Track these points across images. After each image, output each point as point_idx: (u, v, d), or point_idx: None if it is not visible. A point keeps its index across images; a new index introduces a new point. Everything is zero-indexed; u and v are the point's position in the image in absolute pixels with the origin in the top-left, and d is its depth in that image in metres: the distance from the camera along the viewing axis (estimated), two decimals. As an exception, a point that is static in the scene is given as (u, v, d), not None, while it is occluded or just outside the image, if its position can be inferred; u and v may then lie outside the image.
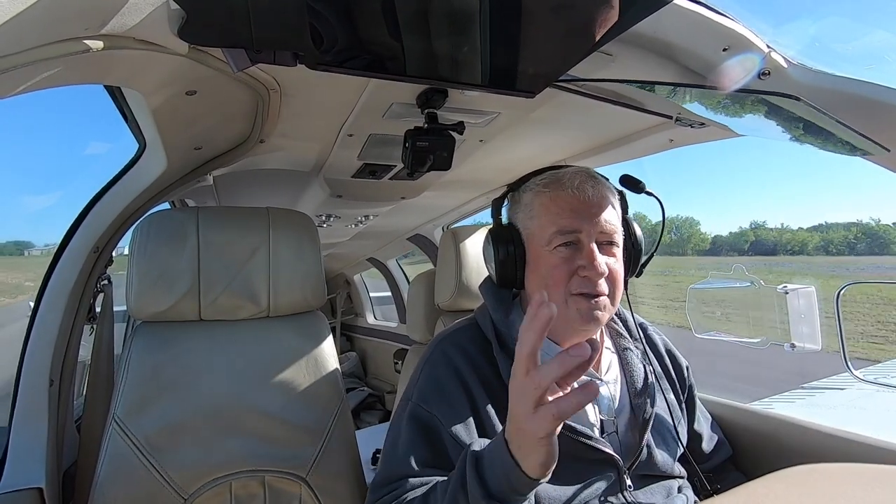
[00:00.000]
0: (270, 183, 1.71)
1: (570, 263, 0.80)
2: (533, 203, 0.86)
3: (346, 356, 3.96)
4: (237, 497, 0.97)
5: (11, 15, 0.42)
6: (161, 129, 0.96)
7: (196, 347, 1.05)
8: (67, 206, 50.22)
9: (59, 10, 0.47)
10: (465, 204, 2.14)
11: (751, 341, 1.51)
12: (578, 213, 0.80)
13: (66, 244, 1.12)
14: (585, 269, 0.78)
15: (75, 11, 0.49)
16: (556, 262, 0.81)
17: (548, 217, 0.83)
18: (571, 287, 0.80)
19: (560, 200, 0.82)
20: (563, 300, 0.80)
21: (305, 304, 1.16)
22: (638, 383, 0.87)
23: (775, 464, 0.64)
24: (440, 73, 0.77)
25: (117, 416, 0.95)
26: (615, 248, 0.83)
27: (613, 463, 0.79)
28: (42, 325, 1.09)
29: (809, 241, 48.69)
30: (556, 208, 0.82)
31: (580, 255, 0.80)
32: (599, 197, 0.82)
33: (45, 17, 0.46)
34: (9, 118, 48.17)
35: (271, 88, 0.95)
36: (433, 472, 0.74)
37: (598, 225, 0.80)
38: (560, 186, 0.83)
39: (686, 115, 1.05)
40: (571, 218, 0.80)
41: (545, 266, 0.83)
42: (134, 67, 0.70)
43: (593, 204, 0.81)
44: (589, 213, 0.80)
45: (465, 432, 0.76)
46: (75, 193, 42.86)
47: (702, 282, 1.58)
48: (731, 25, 0.73)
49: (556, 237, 0.81)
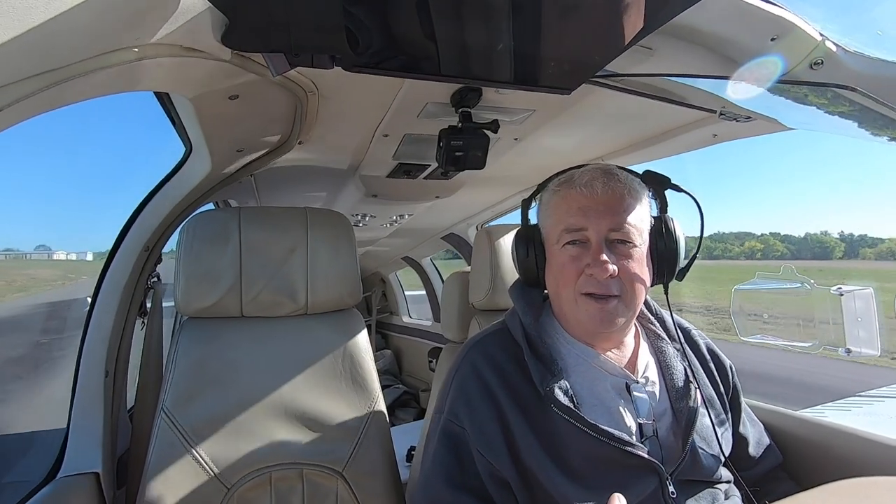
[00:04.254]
0: (308, 182, 1.76)
1: (577, 262, 0.79)
2: (549, 202, 0.87)
3: (381, 354, 4.02)
4: (277, 489, 1.00)
5: (68, 28, 0.45)
6: (206, 132, 1.01)
7: (238, 342, 1.08)
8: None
9: (112, 22, 0.50)
10: (500, 202, 2.13)
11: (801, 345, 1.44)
12: (586, 210, 0.79)
13: (119, 244, 1.19)
14: (591, 266, 0.77)
15: (126, 22, 0.52)
16: (565, 261, 0.81)
17: (558, 215, 0.83)
18: (579, 286, 0.79)
19: (569, 198, 0.82)
20: (572, 300, 0.80)
21: (342, 301, 1.18)
22: (678, 385, 0.84)
23: (827, 475, 0.60)
24: (474, 72, 0.77)
25: (166, 406, 0.99)
26: (631, 247, 0.79)
27: (654, 469, 0.76)
28: (98, 320, 1.16)
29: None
30: (566, 206, 0.82)
31: (588, 253, 0.79)
32: (611, 194, 0.80)
33: (98, 28, 0.49)
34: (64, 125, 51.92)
35: (309, 91, 0.98)
36: (462, 493, 0.76)
37: (607, 222, 0.78)
38: (571, 185, 0.83)
39: (731, 108, 1.00)
40: (578, 215, 0.80)
41: (556, 265, 0.83)
42: (181, 74, 0.73)
43: (603, 201, 0.79)
44: (597, 210, 0.79)
45: (491, 446, 0.76)
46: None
47: (747, 282, 1.50)
48: (778, 13, 0.70)
49: (563, 235, 0.81)
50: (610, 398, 0.80)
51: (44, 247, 18.57)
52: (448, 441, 0.80)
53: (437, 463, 0.79)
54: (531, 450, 0.75)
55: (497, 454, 0.75)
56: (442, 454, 0.79)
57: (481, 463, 0.76)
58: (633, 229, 0.80)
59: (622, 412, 0.79)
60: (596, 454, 0.73)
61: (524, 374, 0.81)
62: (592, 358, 0.82)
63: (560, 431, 0.75)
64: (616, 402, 0.80)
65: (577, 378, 0.80)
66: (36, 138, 54.33)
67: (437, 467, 0.79)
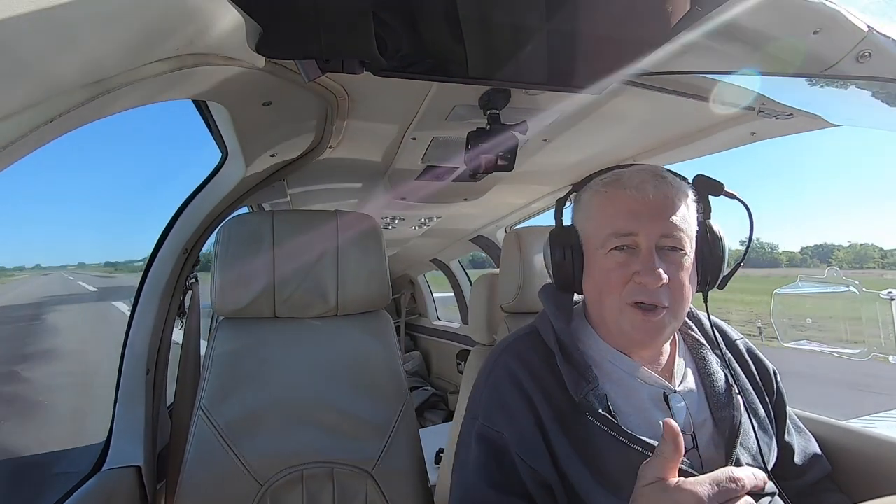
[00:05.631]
0: (338, 185, 1.79)
1: (625, 269, 0.75)
2: (591, 203, 0.82)
3: (409, 355, 4.04)
4: (308, 487, 1.02)
5: (110, 41, 0.47)
6: (240, 138, 1.04)
7: (271, 342, 1.11)
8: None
9: (153, 34, 0.52)
10: (529, 205, 2.12)
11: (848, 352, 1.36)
12: (637, 214, 0.75)
13: (160, 247, 1.24)
14: (641, 274, 0.73)
15: (166, 34, 0.54)
16: (611, 267, 0.76)
17: (604, 218, 0.78)
18: (626, 295, 0.75)
19: (618, 200, 0.77)
20: (617, 309, 0.76)
21: (371, 303, 1.19)
22: (720, 394, 0.80)
23: (878, 490, 0.57)
24: (503, 74, 0.76)
25: (203, 403, 1.03)
26: (682, 255, 0.75)
27: None
28: (140, 319, 1.21)
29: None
30: (613, 209, 0.77)
31: (637, 260, 0.74)
32: (663, 197, 0.75)
33: (141, 40, 0.51)
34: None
35: (339, 96, 0.99)
36: (505, 496, 0.73)
37: (659, 228, 0.74)
38: (619, 185, 0.77)
39: (770, 105, 0.97)
40: (628, 219, 0.75)
41: (599, 270, 0.78)
42: (217, 82, 0.76)
43: (655, 205, 0.75)
44: (649, 214, 0.74)
45: (532, 452, 0.74)
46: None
47: (790, 286, 1.44)
48: (821, 4, 0.67)
49: (610, 239, 0.76)
50: (647, 408, 0.77)
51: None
52: (486, 446, 0.78)
53: (478, 467, 0.77)
54: (568, 457, 0.73)
55: (539, 459, 0.74)
56: (483, 459, 0.77)
57: (523, 468, 0.74)
58: (685, 235, 0.75)
59: (660, 422, 0.77)
60: (633, 465, 0.71)
61: (557, 380, 0.78)
62: (628, 366, 0.79)
63: (595, 440, 0.73)
64: (653, 412, 0.77)
65: (613, 386, 0.78)
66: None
67: (479, 471, 0.76)
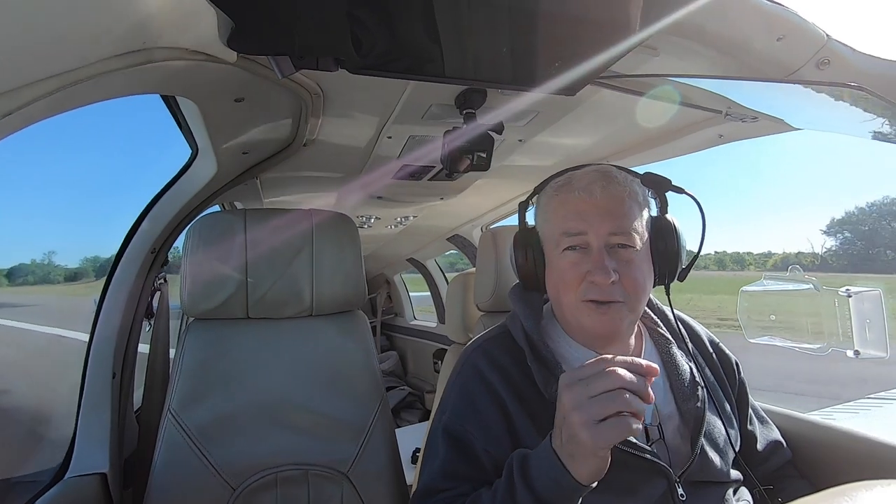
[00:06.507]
0: (313, 184, 1.76)
1: (578, 268, 0.78)
2: (547, 206, 0.85)
3: (386, 355, 4.02)
4: (283, 490, 1.00)
5: (75, 32, 0.45)
6: (212, 134, 1.01)
7: (244, 344, 1.09)
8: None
9: (119, 26, 0.50)
10: (505, 204, 2.13)
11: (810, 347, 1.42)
12: (585, 215, 0.78)
13: (126, 246, 1.20)
14: (592, 273, 0.76)
15: (134, 26, 0.52)
16: (565, 267, 0.79)
17: (556, 220, 0.82)
18: (581, 293, 0.77)
19: (568, 202, 0.80)
20: (574, 306, 0.79)
21: (347, 303, 1.18)
22: (685, 387, 0.83)
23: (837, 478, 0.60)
24: (479, 74, 0.77)
25: (172, 407, 1.00)
26: (633, 251, 0.78)
27: (662, 472, 0.75)
28: (105, 321, 1.17)
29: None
30: (564, 210, 0.81)
31: (589, 259, 0.77)
32: (611, 197, 0.78)
33: (105, 32, 0.50)
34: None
35: (314, 93, 0.98)
36: (471, 485, 0.75)
37: (607, 227, 0.76)
38: (569, 188, 0.81)
39: (737, 109, 1.00)
40: (577, 220, 0.78)
41: (556, 270, 0.82)
42: (187, 77, 0.74)
43: (603, 205, 0.77)
44: (597, 214, 0.77)
45: (500, 448, 0.76)
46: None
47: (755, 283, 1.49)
48: (785, 13, 0.69)
49: (563, 239, 0.79)
50: None
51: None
52: (451, 441, 0.79)
53: (443, 461, 0.78)
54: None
55: (507, 452, 0.75)
56: (447, 454, 0.78)
57: (488, 460, 0.76)
58: (634, 232, 0.78)
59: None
60: None
61: (528, 378, 0.80)
62: None
63: None
64: None
65: None
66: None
67: (443, 465, 0.78)
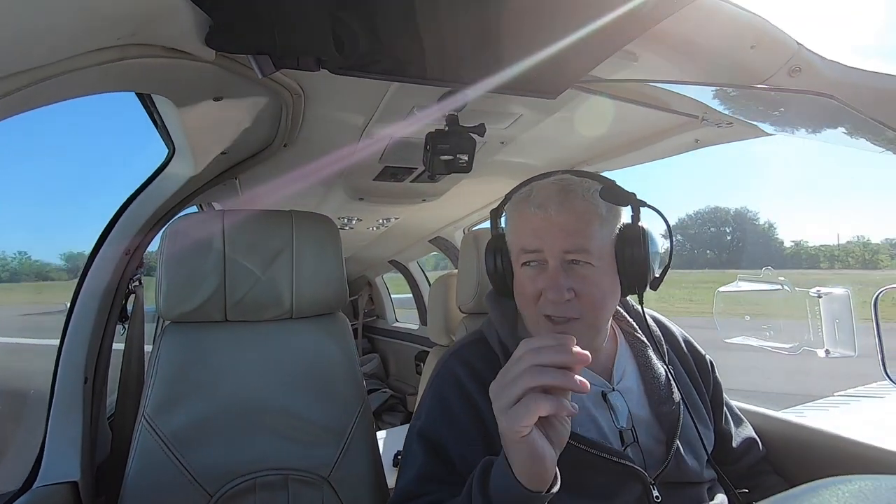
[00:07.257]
0: (294, 185, 1.74)
1: (535, 283, 0.78)
2: (510, 218, 0.85)
3: (367, 358, 3.99)
4: (261, 496, 0.99)
5: (46, 27, 0.44)
6: (189, 134, 0.99)
7: (222, 347, 1.07)
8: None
9: (92, 21, 0.49)
10: (487, 206, 2.14)
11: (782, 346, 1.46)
12: (539, 232, 0.77)
13: (99, 248, 1.16)
14: (547, 291, 0.76)
15: (107, 22, 0.51)
16: (524, 281, 0.80)
17: (515, 233, 0.82)
18: (539, 308, 0.78)
19: (524, 218, 0.80)
20: (534, 319, 0.79)
21: (328, 305, 1.17)
22: (660, 389, 0.84)
23: (809, 474, 0.61)
24: (461, 76, 0.77)
25: (147, 413, 0.97)
26: (590, 268, 0.76)
27: (637, 475, 0.76)
28: (77, 324, 1.13)
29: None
30: (522, 225, 0.81)
31: (545, 275, 0.77)
32: (568, 213, 0.76)
33: (78, 27, 0.48)
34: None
35: (294, 93, 0.97)
36: (447, 489, 0.74)
37: (561, 244, 0.75)
38: (526, 203, 0.80)
39: (712, 114, 1.02)
40: (532, 237, 0.78)
41: (518, 282, 0.82)
42: (164, 75, 0.72)
43: (558, 222, 0.76)
44: (552, 232, 0.76)
45: (475, 454, 0.75)
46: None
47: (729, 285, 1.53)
48: (758, 21, 0.71)
49: (521, 254, 0.80)
50: (587, 406, 0.80)
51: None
52: (427, 446, 0.78)
53: (416, 465, 0.77)
54: None
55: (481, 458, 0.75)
56: (422, 458, 0.78)
57: (462, 465, 0.75)
58: (592, 247, 0.76)
59: (602, 420, 0.80)
60: (578, 462, 0.73)
61: None
62: None
63: None
64: (595, 410, 0.80)
65: None
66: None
67: (417, 470, 0.77)
